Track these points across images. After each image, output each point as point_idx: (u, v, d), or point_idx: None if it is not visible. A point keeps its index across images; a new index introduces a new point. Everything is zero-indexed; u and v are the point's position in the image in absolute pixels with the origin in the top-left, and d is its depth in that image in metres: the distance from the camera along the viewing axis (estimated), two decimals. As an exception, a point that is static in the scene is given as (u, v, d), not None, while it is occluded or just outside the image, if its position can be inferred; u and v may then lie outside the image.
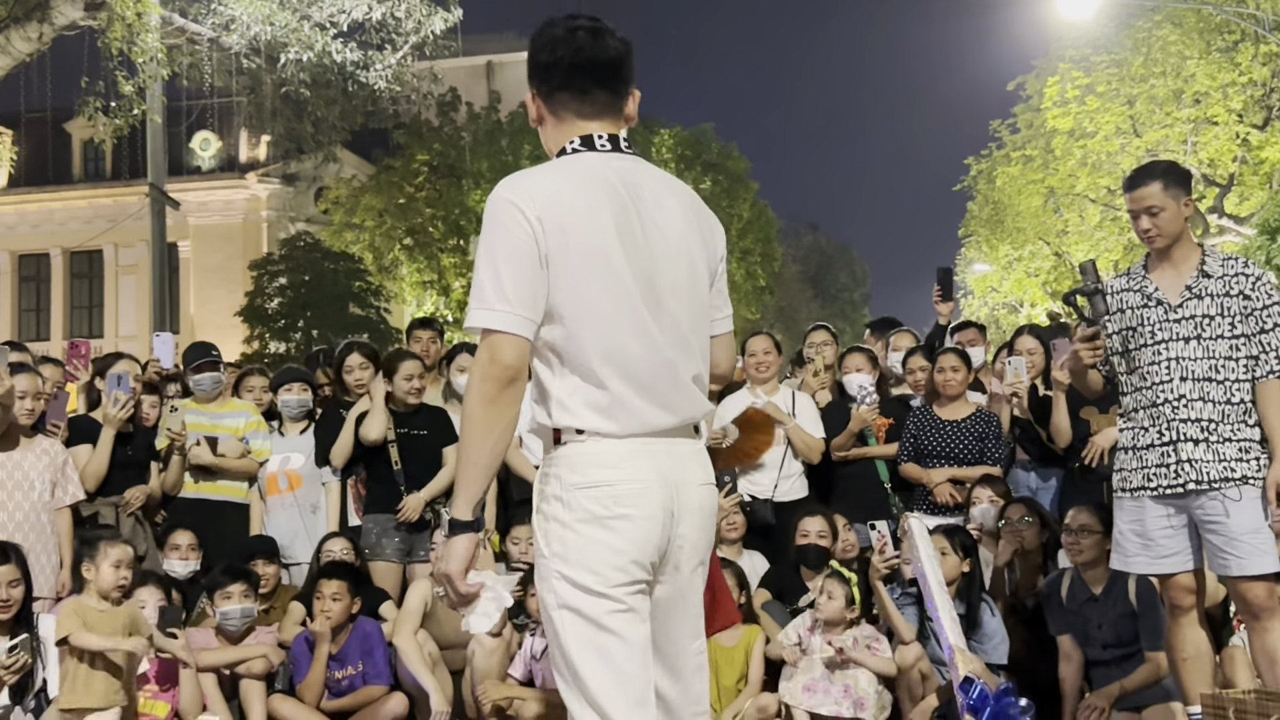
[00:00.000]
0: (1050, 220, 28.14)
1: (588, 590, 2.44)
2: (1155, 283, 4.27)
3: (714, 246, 2.69)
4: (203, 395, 6.47)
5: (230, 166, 35.56)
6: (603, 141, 2.58)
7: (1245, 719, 3.12)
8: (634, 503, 2.46)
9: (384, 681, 5.39)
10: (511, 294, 2.42)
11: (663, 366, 2.52)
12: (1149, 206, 4.20)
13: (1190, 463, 4.07)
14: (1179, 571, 4.15)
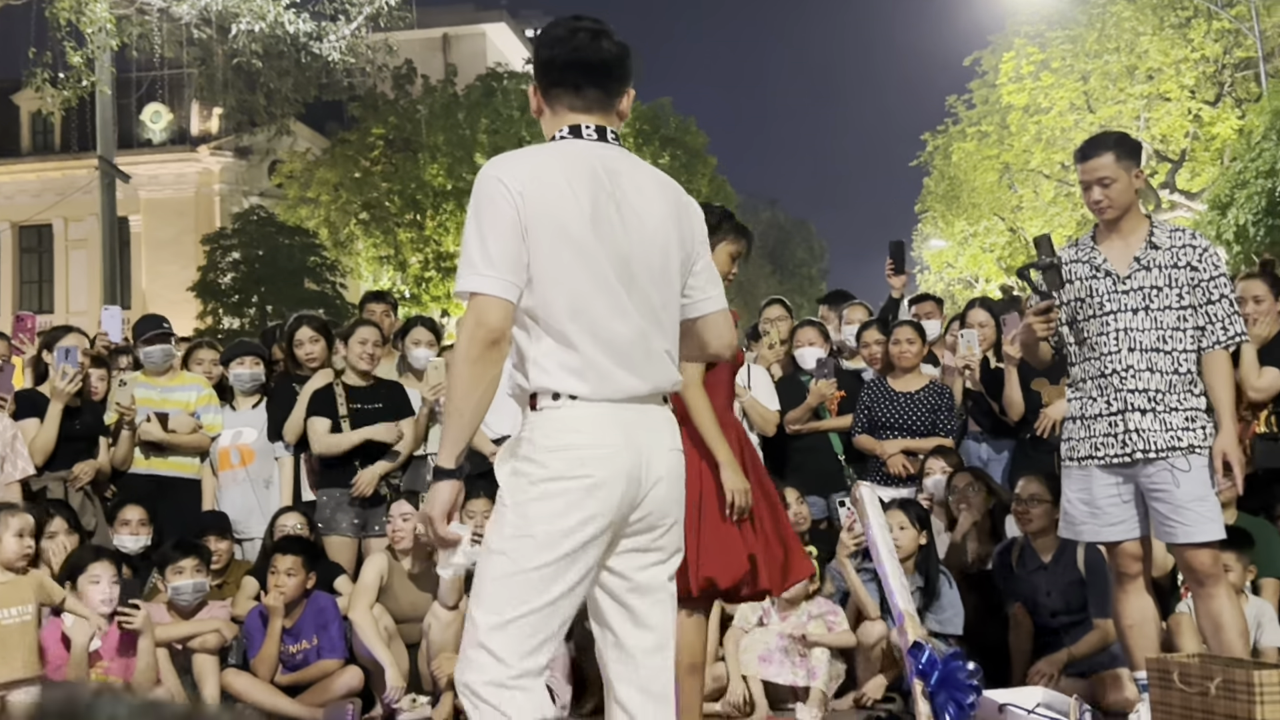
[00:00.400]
0: (1005, 196, 28.35)
1: (533, 540, 2.59)
2: (1104, 254, 4.30)
3: (692, 233, 2.85)
4: (153, 368, 6.40)
5: (182, 139, 35.02)
6: (589, 131, 2.78)
7: (1189, 682, 3.17)
8: (599, 465, 2.60)
9: (339, 655, 5.38)
10: (496, 259, 2.59)
11: (635, 335, 2.68)
12: (1101, 178, 4.22)
13: (1138, 432, 4.12)
14: (1126, 539, 4.20)
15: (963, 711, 3.10)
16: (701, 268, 2.87)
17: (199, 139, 34.89)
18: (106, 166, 19.62)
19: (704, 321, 2.89)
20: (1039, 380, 5.89)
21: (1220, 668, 3.11)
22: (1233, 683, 3.02)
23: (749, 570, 3.95)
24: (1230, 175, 19.48)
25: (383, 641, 5.34)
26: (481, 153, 25.44)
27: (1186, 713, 3.17)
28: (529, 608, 2.60)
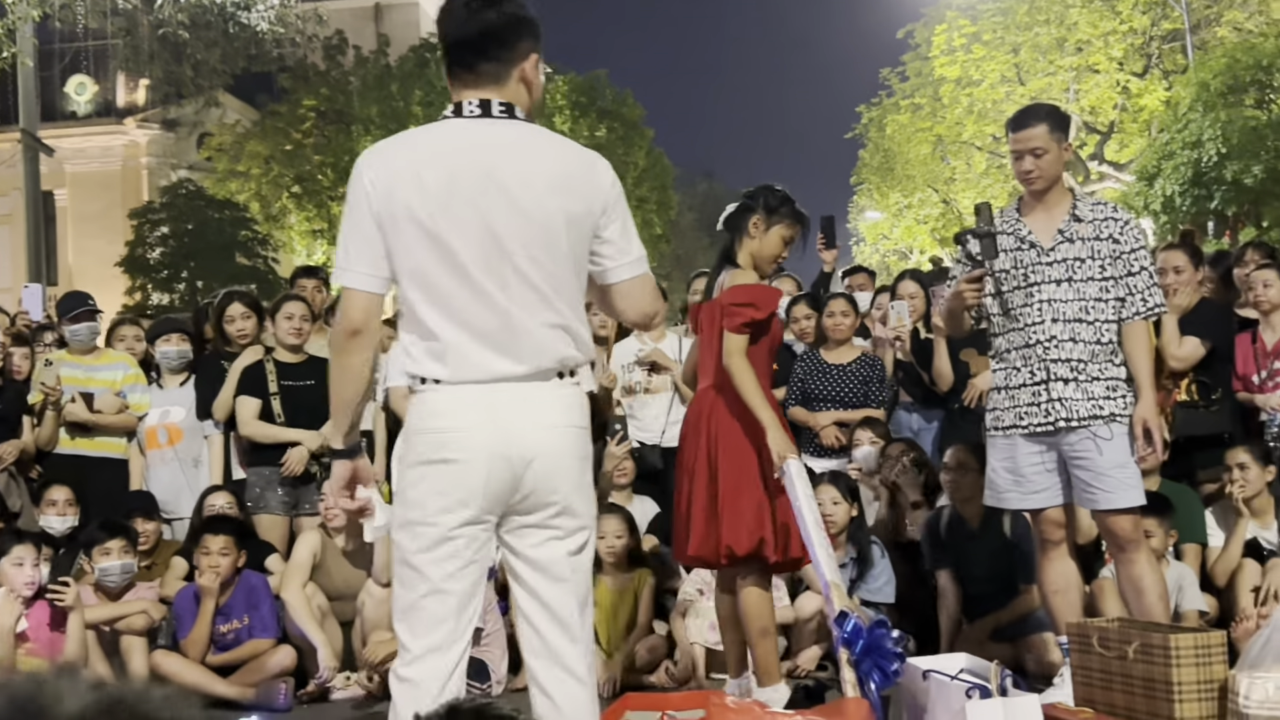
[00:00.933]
0: (938, 168, 28.63)
1: (409, 524, 2.67)
2: (1028, 225, 4.34)
3: (594, 197, 2.76)
4: (79, 346, 6.28)
5: (107, 112, 34.29)
6: (471, 107, 2.73)
7: (1108, 646, 3.23)
8: (459, 448, 2.63)
9: (270, 634, 5.34)
10: (353, 253, 2.68)
11: (496, 317, 2.65)
12: (1034, 148, 4.26)
13: (1061, 401, 4.18)
14: (1049, 507, 4.27)
15: (887, 679, 3.14)
16: (612, 233, 2.80)
17: (125, 111, 34.18)
18: (29, 140, 19.18)
19: (616, 289, 2.85)
20: (968, 351, 5.96)
21: (1138, 632, 3.18)
22: (1150, 646, 3.09)
23: (773, 538, 4.02)
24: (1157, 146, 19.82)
25: (315, 621, 5.30)
26: (416, 124, 25.11)
27: (1106, 676, 3.24)
28: (418, 594, 2.65)
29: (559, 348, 2.71)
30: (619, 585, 5.40)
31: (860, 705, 2.93)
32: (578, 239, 2.73)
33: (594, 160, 2.83)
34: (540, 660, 2.74)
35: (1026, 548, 5.26)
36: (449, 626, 2.65)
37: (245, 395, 5.94)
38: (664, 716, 3.04)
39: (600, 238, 2.78)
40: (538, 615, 2.74)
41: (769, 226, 4.31)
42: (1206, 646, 3.06)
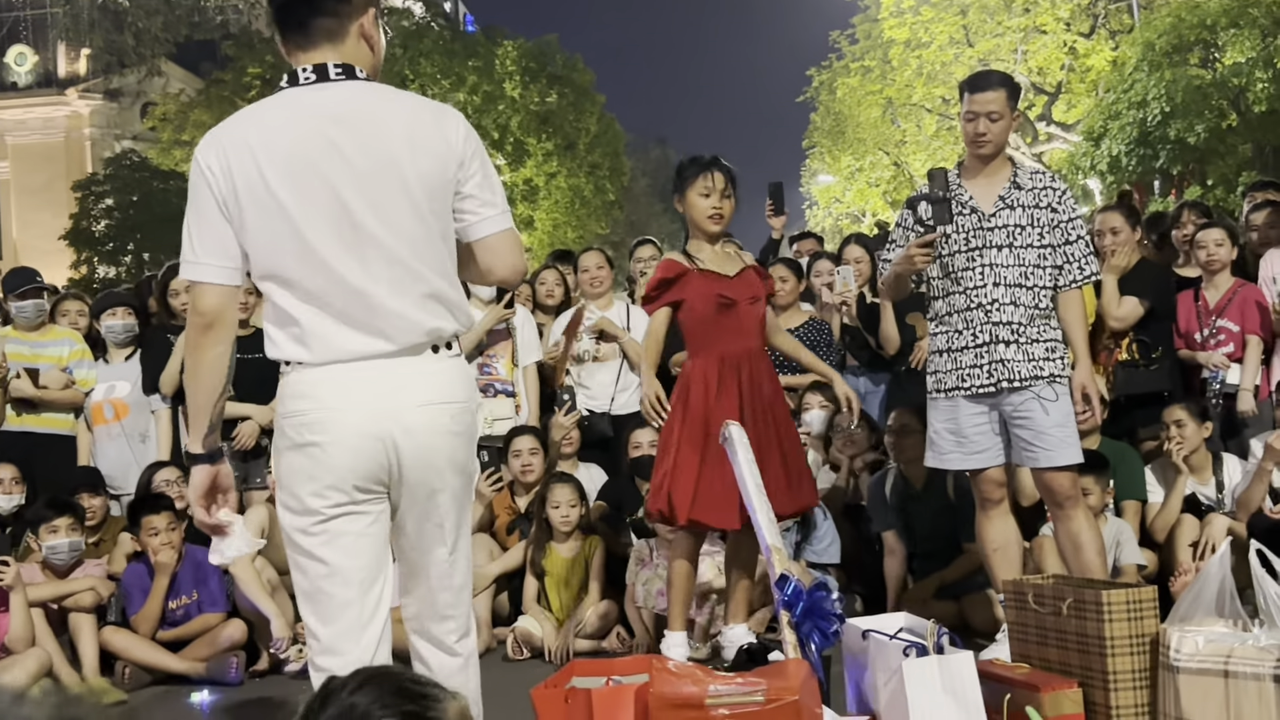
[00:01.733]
0: (889, 131, 28.74)
1: (289, 510, 2.59)
2: (969, 191, 4.39)
3: (446, 154, 2.60)
4: (25, 323, 6.21)
5: (48, 82, 33.68)
6: (307, 75, 2.58)
7: (1043, 603, 3.30)
8: (323, 430, 2.53)
9: (220, 608, 5.34)
10: (198, 245, 2.55)
11: (352, 294, 2.53)
12: (991, 111, 4.30)
13: (1003, 363, 4.24)
14: (989, 466, 4.34)
15: (826, 640, 3.20)
16: (472, 188, 2.65)
17: (66, 81, 33.60)
18: (-33, 112, 18.82)
19: (480, 245, 2.69)
20: (914, 315, 6.01)
21: (1072, 589, 3.25)
22: (1083, 603, 3.16)
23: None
24: (1104, 107, 19.97)
25: (267, 593, 5.30)
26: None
27: (1041, 633, 3.31)
28: (315, 578, 2.58)
29: (428, 320, 2.59)
30: (570, 553, 5.43)
31: (801, 666, 2.99)
32: (435, 199, 2.59)
33: (443, 113, 2.67)
34: (415, 636, 2.75)
35: (969, 508, 5.34)
36: (355, 610, 2.57)
37: (192, 369, 5.89)
38: (609, 681, 3.08)
39: (460, 194, 2.64)
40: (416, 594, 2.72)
41: (684, 195, 4.52)
42: (1138, 601, 3.13)
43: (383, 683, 1.61)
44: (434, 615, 2.71)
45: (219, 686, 5.03)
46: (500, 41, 28.04)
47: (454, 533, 2.69)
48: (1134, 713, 3.10)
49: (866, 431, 5.90)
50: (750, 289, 4.49)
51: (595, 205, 29.90)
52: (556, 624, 5.32)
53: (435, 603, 2.71)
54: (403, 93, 2.71)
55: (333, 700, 1.59)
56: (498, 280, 2.84)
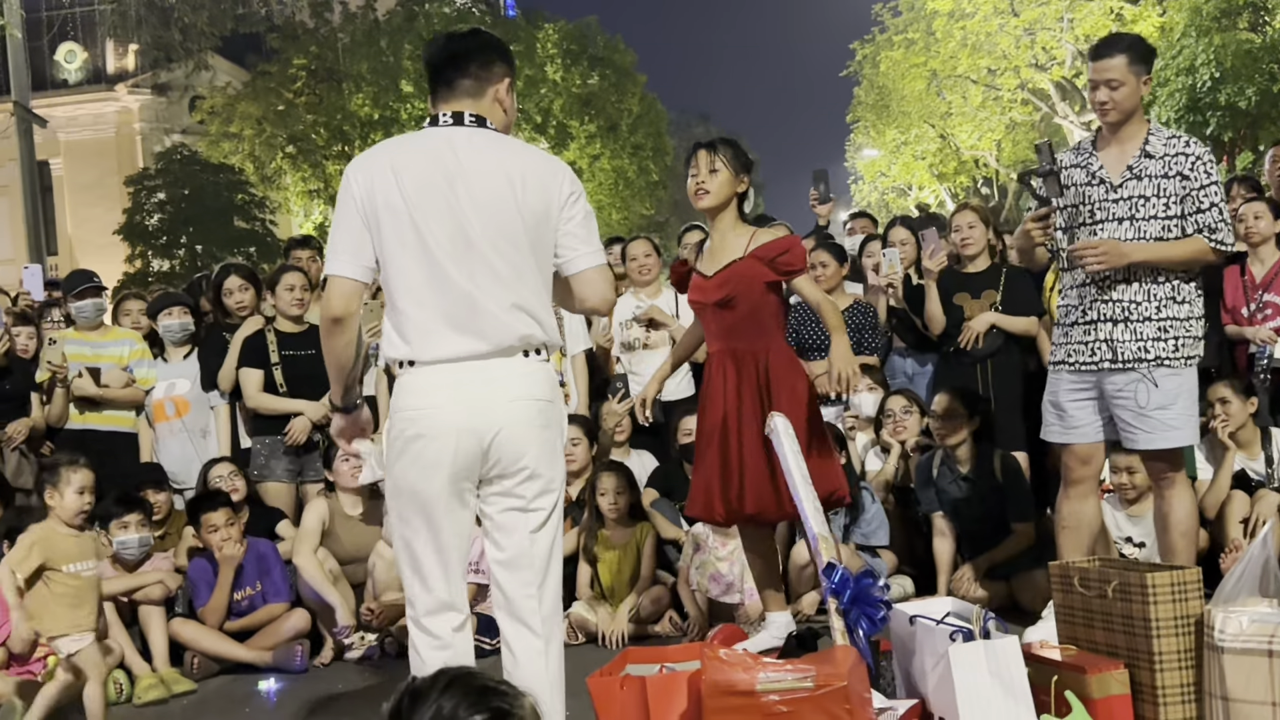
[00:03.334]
0: (934, 103, 28.47)
1: (396, 494, 3.05)
2: (1100, 160, 4.27)
3: (553, 198, 3.08)
4: (85, 323, 6.38)
5: (98, 78, 34.13)
6: (445, 118, 3.09)
7: (1089, 586, 3.34)
8: (428, 426, 2.98)
9: (284, 599, 5.48)
10: (339, 245, 3.02)
11: (460, 299, 2.97)
12: (1110, 79, 4.16)
13: (1108, 342, 4.17)
14: (1082, 443, 4.30)
15: (874, 625, 3.26)
16: (573, 228, 3.12)
17: (116, 77, 34.03)
18: (22, 112, 19.12)
19: (576, 278, 3.16)
20: (961, 295, 6.02)
21: (1117, 571, 3.29)
22: (1128, 585, 3.19)
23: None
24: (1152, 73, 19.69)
25: (329, 582, 5.44)
26: (407, 79, 25.03)
27: (1088, 615, 3.35)
28: (413, 553, 3.05)
29: (520, 326, 3.01)
30: (621, 540, 5.53)
31: (849, 652, 3.05)
32: (537, 232, 3.05)
33: (556, 165, 3.17)
34: (502, 614, 3.09)
35: (1016, 487, 5.39)
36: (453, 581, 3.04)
37: (247, 367, 6.05)
38: (662, 668, 3.17)
39: (562, 232, 3.10)
40: (503, 574, 3.08)
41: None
42: (1183, 583, 3.16)
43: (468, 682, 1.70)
44: (520, 595, 3.07)
45: (285, 674, 5.17)
46: (541, 25, 28.07)
47: (540, 516, 3.08)
48: (1180, 693, 3.13)
49: (917, 416, 5.92)
50: (724, 289, 4.28)
51: (639, 186, 29.91)
52: (610, 609, 5.42)
53: (520, 583, 3.07)
54: (525, 145, 3.28)
55: (422, 701, 1.67)
56: (589, 309, 3.32)
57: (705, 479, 4.33)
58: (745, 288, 4.27)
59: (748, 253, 4.28)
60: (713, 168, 4.32)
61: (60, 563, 4.66)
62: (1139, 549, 5.26)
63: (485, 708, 1.67)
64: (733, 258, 4.30)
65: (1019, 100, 26.22)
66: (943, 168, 31.17)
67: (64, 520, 4.70)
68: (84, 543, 4.74)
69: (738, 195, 4.38)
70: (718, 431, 4.28)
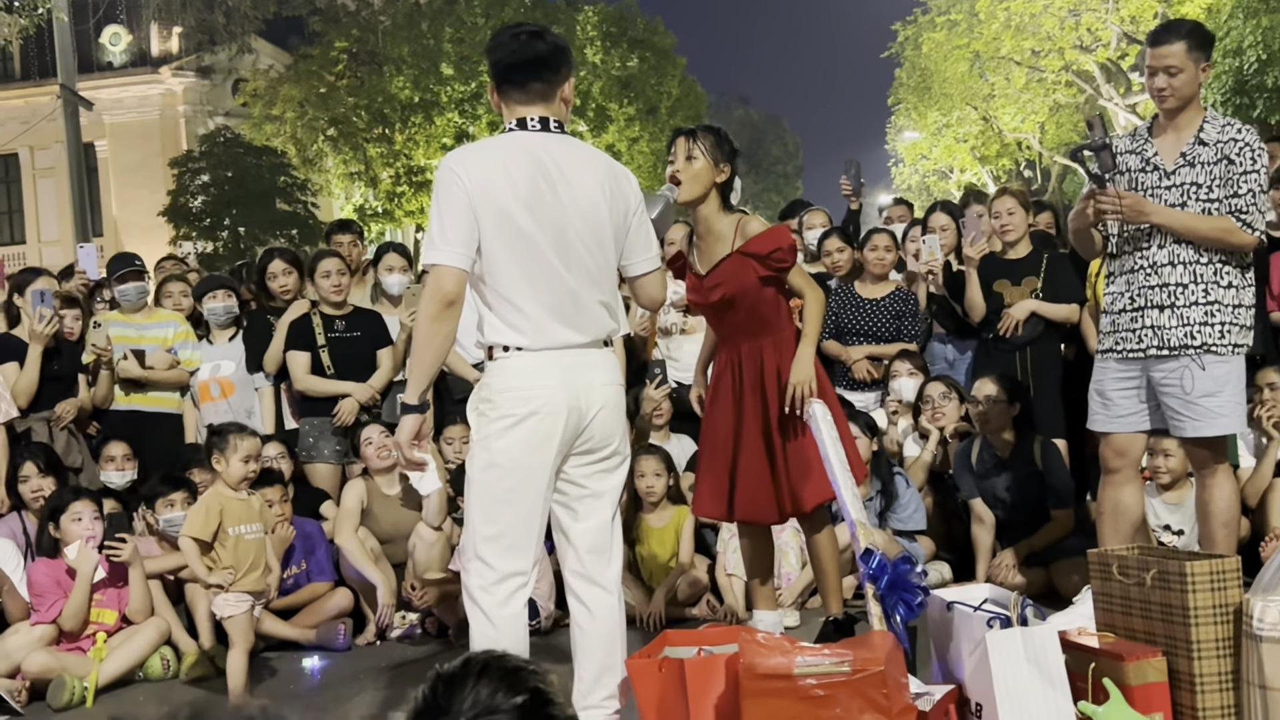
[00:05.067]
0: (976, 85, 28.22)
1: (496, 466, 3.25)
2: (1156, 147, 4.25)
3: (627, 205, 3.39)
4: (128, 305, 6.48)
5: (142, 61, 34.46)
6: (534, 123, 3.32)
7: (1128, 573, 3.33)
8: (543, 403, 3.24)
9: (327, 578, 5.56)
10: (450, 235, 3.18)
11: (566, 295, 3.26)
12: (1169, 65, 4.13)
13: (1154, 328, 4.16)
14: (1127, 431, 4.28)
15: (911, 611, 3.28)
16: (638, 234, 3.44)
17: (160, 60, 34.34)
18: (68, 94, 19.36)
19: (638, 282, 3.52)
20: (1001, 282, 5.99)
21: (1156, 559, 3.28)
22: (1167, 573, 3.19)
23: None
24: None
25: (371, 561, 5.51)
26: (447, 63, 25.12)
27: (1126, 603, 3.34)
28: (503, 523, 3.26)
29: (606, 320, 3.38)
30: (660, 522, 5.56)
31: (886, 637, 3.07)
32: (615, 236, 3.37)
33: (625, 173, 3.47)
34: (576, 577, 3.41)
35: (1056, 473, 5.37)
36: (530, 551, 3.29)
37: (294, 349, 6.13)
38: (700, 651, 3.20)
39: (629, 236, 3.42)
40: (582, 540, 3.40)
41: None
42: (1221, 572, 3.14)
43: (501, 665, 1.72)
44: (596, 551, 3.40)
45: (328, 652, 5.26)
46: (581, 7, 28.07)
47: (619, 487, 3.47)
48: (1218, 681, 3.13)
49: (956, 403, 5.90)
50: (720, 291, 4.24)
51: (678, 169, 29.85)
52: (648, 592, 5.46)
53: (597, 542, 3.41)
54: (595, 150, 3.50)
55: (458, 688, 1.70)
56: (644, 306, 3.66)
57: (709, 478, 4.41)
58: (740, 287, 4.21)
59: (735, 249, 4.21)
60: (689, 155, 4.18)
61: (230, 524, 4.73)
62: (1178, 537, 5.23)
63: (523, 689, 1.70)
64: (723, 253, 4.24)
65: (1063, 82, 25.96)
66: (985, 150, 30.91)
67: (230, 485, 4.79)
68: (249, 506, 4.83)
69: (717, 185, 4.25)
70: (720, 432, 4.35)
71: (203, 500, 4.82)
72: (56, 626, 4.95)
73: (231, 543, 4.67)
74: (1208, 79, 4.34)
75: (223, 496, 4.75)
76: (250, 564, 4.71)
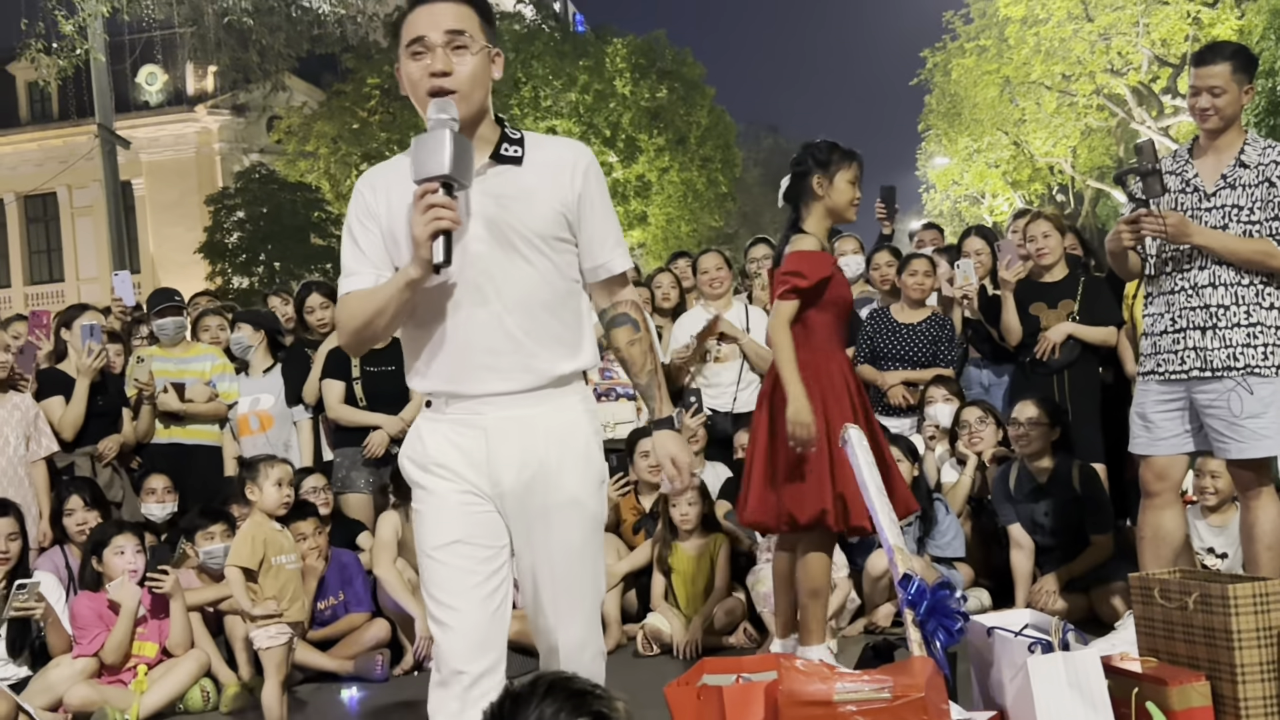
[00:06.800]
0: (1007, 110, 28.16)
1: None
2: (1196, 168, 4.26)
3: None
4: (167, 340, 6.56)
5: (178, 100, 34.95)
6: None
7: (1170, 597, 3.31)
8: None
9: (365, 609, 5.58)
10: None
11: None
12: (1213, 86, 4.15)
13: (1196, 350, 4.14)
14: (1169, 454, 4.25)
15: (951, 637, 3.26)
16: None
17: (195, 98, 34.82)
18: (106, 133, 19.64)
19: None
20: (1037, 305, 5.97)
21: (1198, 583, 3.26)
22: (1209, 597, 3.16)
23: (833, 507, 4.14)
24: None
25: (410, 593, 5.52)
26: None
27: (1168, 627, 3.32)
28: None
29: None
30: (695, 550, 5.55)
31: (926, 663, 3.05)
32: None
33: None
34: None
35: (1095, 498, 5.33)
36: None
37: (330, 379, 6.19)
38: (739, 679, 3.19)
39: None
40: None
41: (831, 178, 4.35)
42: (1265, 595, 3.12)
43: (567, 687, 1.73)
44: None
45: (366, 683, 5.27)
46: (610, 40, 28.26)
47: None
48: (1263, 705, 3.10)
49: (993, 428, 5.87)
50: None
51: (708, 198, 29.96)
52: (684, 620, 5.44)
53: None
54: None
55: (523, 706, 1.71)
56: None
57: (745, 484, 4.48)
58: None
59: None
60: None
61: (272, 555, 4.77)
62: (1221, 560, 5.18)
63: (586, 712, 1.70)
64: None
65: (1094, 106, 25.87)
66: (1017, 175, 30.80)
67: (267, 512, 4.82)
68: (287, 537, 4.87)
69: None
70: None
71: (245, 530, 4.85)
72: (98, 659, 4.99)
73: (274, 572, 4.70)
74: (1250, 101, 4.34)
75: (263, 527, 4.79)
76: (290, 595, 4.73)
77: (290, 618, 4.72)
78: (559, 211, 2.65)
